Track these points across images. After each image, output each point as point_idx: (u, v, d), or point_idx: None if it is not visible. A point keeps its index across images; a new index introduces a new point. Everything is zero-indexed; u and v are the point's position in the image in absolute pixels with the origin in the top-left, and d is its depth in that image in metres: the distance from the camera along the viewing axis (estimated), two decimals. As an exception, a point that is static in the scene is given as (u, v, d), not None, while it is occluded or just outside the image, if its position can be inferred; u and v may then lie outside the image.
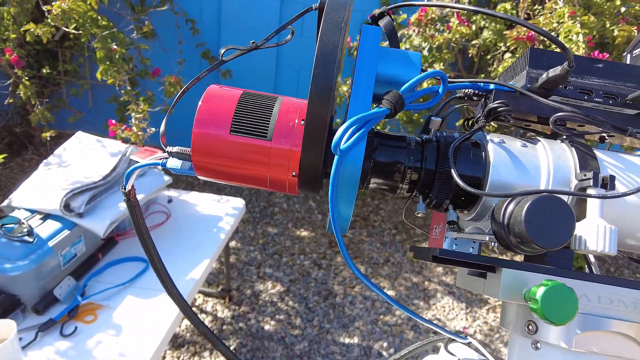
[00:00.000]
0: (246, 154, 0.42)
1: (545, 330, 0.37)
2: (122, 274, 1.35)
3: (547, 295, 0.34)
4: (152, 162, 0.46)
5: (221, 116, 0.42)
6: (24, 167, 2.75)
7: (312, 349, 1.86)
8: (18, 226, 1.22)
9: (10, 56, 1.86)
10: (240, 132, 0.41)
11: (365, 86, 0.40)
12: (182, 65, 2.65)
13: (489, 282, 0.40)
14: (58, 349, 1.10)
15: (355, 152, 0.38)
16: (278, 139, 0.42)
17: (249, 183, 0.45)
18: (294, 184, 0.44)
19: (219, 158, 0.42)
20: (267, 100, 0.44)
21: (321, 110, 0.38)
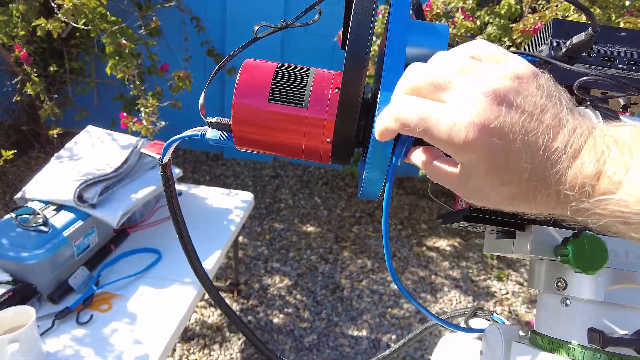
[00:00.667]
0: (283, 121, 0.43)
1: (575, 286, 0.38)
2: (135, 264, 1.36)
3: (579, 244, 0.35)
4: (193, 133, 0.47)
5: (259, 86, 0.43)
6: (30, 165, 2.77)
7: (321, 342, 1.87)
8: (33, 216, 1.24)
9: (19, 52, 1.87)
10: (277, 100, 0.43)
11: (397, 54, 0.41)
12: (188, 62, 2.67)
13: (518, 241, 0.41)
14: (75, 336, 1.11)
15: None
16: (313, 106, 0.43)
17: (285, 152, 0.46)
18: (327, 152, 0.45)
19: (258, 127, 0.44)
20: (302, 71, 0.45)
21: (355, 77, 0.39)
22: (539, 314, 0.42)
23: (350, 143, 0.43)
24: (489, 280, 2.31)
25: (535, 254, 0.39)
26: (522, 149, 0.26)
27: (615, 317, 0.37)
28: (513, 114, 0.26)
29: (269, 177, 3.06)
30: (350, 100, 0.40)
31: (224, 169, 3.11)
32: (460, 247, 2.54)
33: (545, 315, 0.41)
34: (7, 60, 2.63)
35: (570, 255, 0.35)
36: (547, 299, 0.41)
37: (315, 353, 1.82)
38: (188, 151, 3.29)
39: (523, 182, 0.27)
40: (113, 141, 1.58)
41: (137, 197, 1.41)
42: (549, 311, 0.41)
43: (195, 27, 2.81)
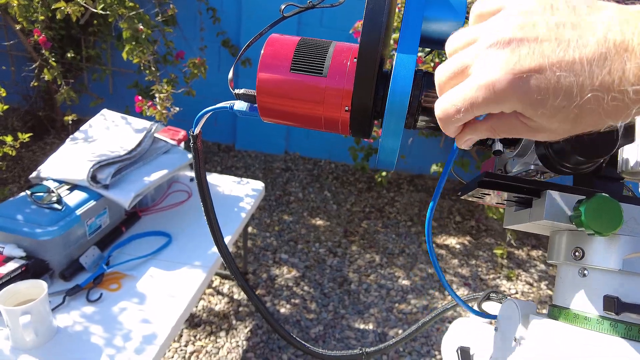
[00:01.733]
0: (304, 90, 0.45)
1: (593, 255, 0.37)
2: (146, 246, 1.37)
3: (592, 204, 0.34)
4: (223, 105, 0.50)
5: (282, 57, 0.45)
6: (45, 150, 2.80)
7: (327, 333, 1.86)
8: (47, 194, 1.25)
9: (38, 37, 1.90)
10: (298, 70, 0.45)
11: (413, 25, 0.41)
12: (203, 52, 2.68)
13: (534, 208, 0.40)
14: (84, 313, 1.12)
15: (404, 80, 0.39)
16: (332, 75, 0.45)
17: (306, 122, 0.48)
18: (346, 122, 0.46)
19: (280, 97, 0.45)
20: (324, 43, 0.47)
21: (372, 45, 0.40)
22: (557, 287, 0.42)
23: (367, 112, 0.44)
24: (498, 280, 2.28)
25: (550, 219, 0.38)
26: (556, 70, 0.25)
27: (633, 285, 0.36)
28: (527, 48, 0.26)
29: (280, 170, 3.06)
30: (366, 68, 0.41)
31: (235, 160, 3.13)
32: (470, 245, 2.52)
33: (563, 288, 0.41)
34: (25, 45, 2.66)
35: (583, 216, 0.34)
36: (565, 270, 0.40)
37: (321, 344, 1.81)
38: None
39: (578, 99, 0.25)
40: (127, 125, 1.59)
41: (149, 180, 1.42)
42: (567, 283, 0.40)
43: (211, 17, 2.82)
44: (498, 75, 0.26)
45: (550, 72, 0.25)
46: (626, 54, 0.23)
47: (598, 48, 0.24)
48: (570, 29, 0.25)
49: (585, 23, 0.25)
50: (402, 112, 0.40)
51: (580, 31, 0.25)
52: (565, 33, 0.25)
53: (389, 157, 0.44)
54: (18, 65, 3.04)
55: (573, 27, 0.25)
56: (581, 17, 0.25)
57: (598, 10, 0.25)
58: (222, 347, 1.76)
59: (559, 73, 0.25)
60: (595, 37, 0.24)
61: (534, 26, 0.26)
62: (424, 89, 0.45)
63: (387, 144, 0.42)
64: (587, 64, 0.24)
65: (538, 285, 2.28)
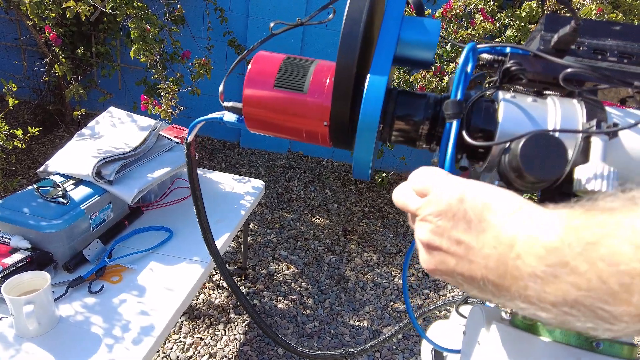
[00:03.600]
0: (286, 105, 0.49)
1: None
2: (147, 241, 1.42)
3: None
4: (214, 116, 0.56)
5: (267, 74, 0.49)
6: (55, 144, 2.87)
7: (323, 329, 1.91)
8: (53, 189, 1.30)
9: (49, 34, 1.95)
10: (281, 86, 0.49)
11: (387, 48, 0.45)
12: (210, 52, 2.72)
13: None
14: (86, 303, 1.17)
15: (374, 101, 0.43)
16: (312, 92, 0.49)
17: (289, 134, 0.52)
18: (325, 135, 0.50)
19: (265, 110, 0.50)
20: (306, 62, 0.51)
21: (348, 63, 0.44)
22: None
23: (345, 127, 0.47)
24: (494, 282, 2.31)
25: None
26: (460, 279, 0.33)
27: None
28: (439, 256, 0.34)
29: (283, 168, 3.11)
30: (342, 84, 0.44)
31: (239, 158, 3.17)
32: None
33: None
34: (37, 41, 2.73)
35: None
36: None
37: (316, 339, 1.86)
38: (206, 139, 3.36)
39: (480, 295, 0.33)
40: (133, 122, 1.64)
41: (152, 177, 1.47)
42: None
43: (218, 17, 2.87)
44: (423, 266, 0.36)
45: (455, 278, 0.34)
46: (505, 276, 0.30)
47: (483, 273, 0.31)
48: (465, 251, 0.33)
49: (475, 245, 0.32)
50: (373, 130, 0.43)
51: (471, 255, 0.32)
52: (462, 253, 0.33)
53: (363, 169, 0.48)
54: (30, 59, 3.10)
55: (467, 250, 0.32)
56: (472, 237, 0.32)
57: (483, 233, 0.32)
58: (220, 339, 1.81)
59: (462, 282, 0.33)
60: (481, 262, 0.31)
61: (442, 236, 0.34)
62: (398, 106, 0.48)
63: (359, 158, 0.46)
64: (477, 284, 0.32)
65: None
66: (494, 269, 0.30)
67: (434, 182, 0.37)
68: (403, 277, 0.50)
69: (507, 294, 0.30)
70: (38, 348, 1.03)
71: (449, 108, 0.43)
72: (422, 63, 0.48)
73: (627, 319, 0.24)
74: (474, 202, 0.33)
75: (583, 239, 0.26)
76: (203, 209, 0.64)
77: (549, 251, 0.27)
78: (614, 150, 0.39)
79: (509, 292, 0.29)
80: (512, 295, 0.29)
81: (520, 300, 0.29)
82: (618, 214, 0.26)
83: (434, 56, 0.48)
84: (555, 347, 0.39)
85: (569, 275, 0.25)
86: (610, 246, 0.24)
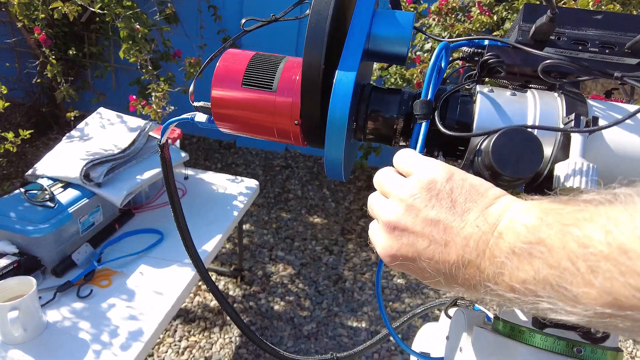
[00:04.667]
0: (255, 104, 0.46)
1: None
2: (137, 244, 1.39)
3: None
4: (184, 117, 0.52)
5: (235, 72, 0.47)
6: (48, 146, 2.85)
7: (320, 331, 1.88)
8: (41, 192, 1.28)
9: (38, 35, 1.92)
10: (249, 85, 0.46)
11: (356, 42, 0.43)
12: (203, 50, 2.70)
13: None
14: (74, 308, 1.15)
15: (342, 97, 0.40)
16: (282, 90, 0.47)
17: (260, 133, 0.50)
18: (297, 133, 0.48)
19: (233, 109, 0.47)
20: (275, 59, 0.48)
21: (314, 58, 0.41)
22: (499, 299, 0.43)
23: (316, 124, 0.45)
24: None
25: None
26: (425, 264, 0.31)
27: None
28: (406, 238, 0.32)
29: (280, 167, 3.08)
30: (310, 81, 0.42)
31: (235, 157, 3.15)
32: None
33: None
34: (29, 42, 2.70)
35: None
36: None
37: (313, 341, 1.84)
38: (202, 139, 3.33)
39: (443, 283, 0.32)
40: (122, 123, 1.61)
41: (142, 179, 1.44)
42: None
43: (212, 15, 2.84)
44: (382, 252, 0.35)
45: (420, 263, 0.32)
46: (484, 256, 0.29)
47: (460, 254, 0.30)
48: (442, 232, 0.31)
49: (456, 225, 0.31)
50: (342, 127, 0.41)
51: (448, 235, 0.31)
52: (437, 234, 0.31)
53: (335, 169, 0.45)
54: (23, 61, 3.08)
55: (444, 230, 0.31)
56: (455, 216, 0.31)
57: (468, 212, 0.31)
58: (215, 342, 1.79)
59: (428, 268, 0.31)
60: (460, 242, 0.30)
61: (416, 216, 0.32)
62: (371, 103, 0.46)
63: (330, 157, 0.43)
64: (449, 268, 0.30)
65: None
66: (473, 248, 0.30)
67: (419, 160, 0.36)
68: (377, 285, 0.48)
69: (478, 277, 0.29)
70: (24, 355, 1.01)
71: (418, 108, 0.41)
72: (396, 57, 0.46)
73: (587, 301, 0.25)
74: (462, 182, 0.33)
75: (560, 221, 0.27)
76: (181, 212, 0.61)
77: (529, 229, 0.28)
78: (595, 145, 0.37)
79: (483, 274, 0.29)
80: (484, 276, 0.29)
81: (491, 282, 0.29)
82: (598, 204, 0.27)
83: (408, 51, 0.46)
84: (536, 353, 0.37)
85: (542, 253, 0.26)
86: (584, 229, 0.25)
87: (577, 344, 0.36)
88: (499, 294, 0.28)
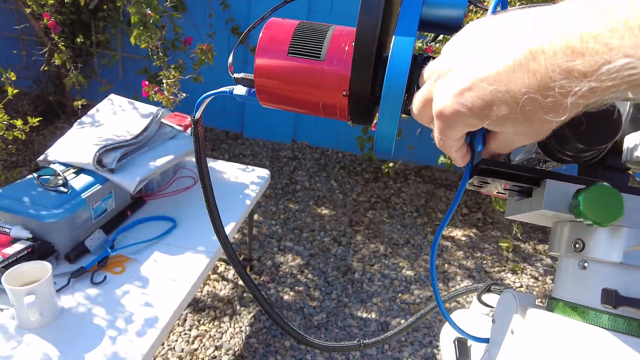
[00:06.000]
0: (302, 74, 0.44)
1: (593, 246, 0.36)
2: (150, 231, 1.38)
3: (590, 194, 0.33)
4: (223, 90, 0.50)
5: (280, 41, 0.45)
6: (55, 135, 2.83)
7: (330, 321, 1.87)
8: (54, 177, 1.26)
9: (47, 21, 1.90)
10: (296, 53, 0.44)
11: (412, 9, 0.41)
12: (212, 39, 2.67)
13: (533, 197, 0.40)
14: (88, 295, 1.14)
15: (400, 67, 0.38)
16: (330, 60, 0.44)
17: (304, 107, 0.47)
18: (344, 107, 0.46)
19: (278, 80, 0.45)
20: (322, 27, 0.46)
21: (370, 24, 0.39)
22: (557, 279, 0.41)
23: (366, 97, 0.43)
24: (503, 273, 2.27)
25: (548, 208, 0.37)
26: (486, 85, 0.28)
27: (634, 279, 0.35)
28: (458, 72, 0.30)
29: (287, 159, 3.06)
30: (363, 51, 0.40)
31: (243, 148, 3.13)
32: (476, 237, 2.50)
33: (563, 280, 0.40)
34: (36, 29, 2.68)
35: (581, 205, 0.33)
36: (566, 262, 0.40)
37: (324, 332, 1.83)
38: (208, 129, 3.31)
39: (513, 104, 0.27)
40: (134, 110, 1.59)
41: (154, 165, 1.42)
42: (566, 275, 0.40)
43: (220, 4, 2.81)
44: (442, 102, 0.31)
45: (480, 87, 0.28)
46: (543, 55, 0.25)
47: (517, 57, 0.26)
48: (493, 47, 0.28)
49: (505, 38, 0.28)
50: (399, 96, 0.39)
51: (500, 48, 0.27)
52: (489, 51, 0.28)
53: (386, 143, 0.43)
54: (29, 49, 3.05)
55: (495, 45, 0.28)
56: (502, 35, 0.28)
57: (511, 30, 0.28)
58: (225, 332, 1.78)
59: (488, 86, 0.28)
60: (513, 48, 0.27)
61: (458, 53, 0.30)
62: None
63: (383, 130, 0.41)
64: (510, 73, 0.27)
65: (543, 280, 2.26)
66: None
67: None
68: (432, 255, 0.45)
69: (589, 63, 0.23)
70: (40, 340, 1.00)
71: None
72: (450, 26, 0.44)
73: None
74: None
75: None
76: (212, 193, 0.59)
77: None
78: None
79: (596, 56, 0.23)
80: (595, 60, 0.23)
81: (607, 64, 0.23)
82: None
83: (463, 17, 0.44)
84: (602, 334, 0.35)
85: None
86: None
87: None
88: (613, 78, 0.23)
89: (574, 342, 0.37)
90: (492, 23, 0.30)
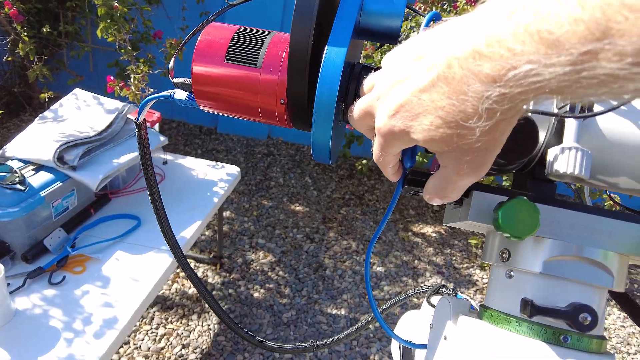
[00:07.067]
0: (238, 81, 0.44)
1: (517, 257, 0.37)
2: (114, 229, 1.35)
3: (508, 208, 0.34)
4: (163, 94, 0.49)
5: (217, 46, 0.44)
6: (20, 128, 2.74)
7: (300, 318, 1.88)
8: (10, 175, 1.22)
9: (9, 10, 1.84)
10: (233, 60, 0.44)
11: (347, 16, 0.40)
12: (185, 32, 2.62)
13: (463, 207, 0.40)
14: (45, 296, 1.11)
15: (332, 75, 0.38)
16: (267, 67, 0.44)
17: (244, 113, 0.47)
18: (282, 114, 0.45)
19: (215, 86, 0.45)
20: (261, 33, 0.46)
21: (303, 33, 0.39)
22: (489, 287, 0.42)
23: (303, 104, 0.43)
24: (471, 269, 2.32)
25: (474, 219, 0.38)
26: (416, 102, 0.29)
27: (553, 289, 0.36)
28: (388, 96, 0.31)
29: (262, 155, 3.05)
30: (297, 58, 0.40)
31: (216, 144, 3.10)
32: (446, 234, 2.54)
33: (492, 288, 0.41)
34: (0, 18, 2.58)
35: (500, 219, 0.34)
36: (495, 271, 0.41)
37: (293, 329, 1.83)
38: (182, 124, 3.26)
39: (442, 117, 0.28)
40: (99, 105, 1.56)
41: (119, 162, 1.40)
42: (495, 284, 0.41)
43: (194, -4, 2.76)
44: (380, 121, 0.32)
45: (409, 105, 0.29)
46: (457, 60, 0.25)
47: (438, 70, 0.27)
48: (417, 65, 0.29)
49: (427, 54, 0.28)
50: (331, 105, 0.39)
51: (422, 64, 0.28)
52: (413, 68, 0.29)
53: (322, 152, 0.43)
54: (-7, 39, 2.94)
55: (419, 62, 0.29)
56: (425, 53, 0.29)
57: (431, 45, 0.29)
58: (193, 330, 1.76)
59: (416, 101, 0.29)
60: (433, 62, 0.27)
61: (392, 72, 0.31)
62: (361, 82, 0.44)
63: (317, 138, 0.41)
64: (432, 86, 0.27)
65: (511, 276, 2.31)
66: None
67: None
68: (366, 265, 0.46)
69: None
70: (-8, 343, 0.97)
71: None
72: (388, 35, 0.44)
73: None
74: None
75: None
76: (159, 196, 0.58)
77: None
78: (589, 131, 0.36)
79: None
80: (501, 64, 0.23)
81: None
82: None
83: (401, 26, 0.44)
84: (522, 341, 0.36)
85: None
86: None
87: (564, 332, 0.35)
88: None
89: (496, 350, 0.38)
90: (419, 40, 0.30)
